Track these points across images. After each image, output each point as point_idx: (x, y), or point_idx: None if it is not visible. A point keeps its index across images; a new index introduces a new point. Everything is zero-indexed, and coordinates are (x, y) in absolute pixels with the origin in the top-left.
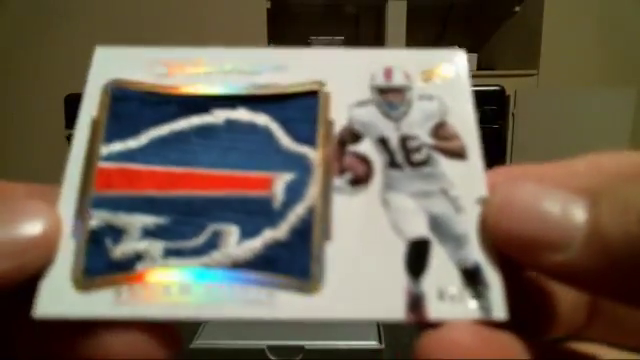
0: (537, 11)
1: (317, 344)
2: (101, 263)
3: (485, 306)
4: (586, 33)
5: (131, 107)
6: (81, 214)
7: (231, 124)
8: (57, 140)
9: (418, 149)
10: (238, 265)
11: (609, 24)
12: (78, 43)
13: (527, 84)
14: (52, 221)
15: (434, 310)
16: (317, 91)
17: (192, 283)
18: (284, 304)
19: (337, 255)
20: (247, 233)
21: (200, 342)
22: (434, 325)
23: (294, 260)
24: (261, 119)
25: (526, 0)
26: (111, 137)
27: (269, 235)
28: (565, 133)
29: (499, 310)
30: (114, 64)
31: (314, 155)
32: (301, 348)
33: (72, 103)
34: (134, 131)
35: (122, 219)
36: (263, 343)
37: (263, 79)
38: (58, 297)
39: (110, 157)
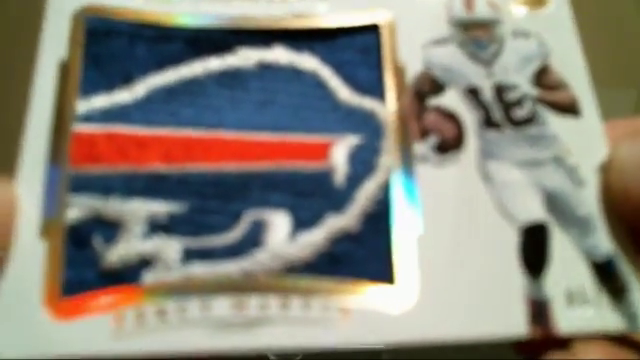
0: None
1: None
2: (89, 274)
3: (629, 313)
4: (586, 34)
5: (117, 44)
6: (52, 201)
7: (265, 68)
8: None
9: (519, 102)
10: (295, 269)
11: (609, 25)
12: None
13: None
14: (4, 207)
15: (564, 320)
16: (378, 25)
17: (229, 299)
18: (363, 323)
19: (428, 250)
20: (302, 222)
21: None
22: (559, 342)
23: (371, 258)
24: (307, 61)
25: None
26: (91, 88)
27: (334, 223)
28: None
29: None
30: None
31: (383, 110)
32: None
33: None
34: (124, 78)
35: (116, 207)
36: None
37: (303, 5)
38: (25, 327)
39: (91, 117)
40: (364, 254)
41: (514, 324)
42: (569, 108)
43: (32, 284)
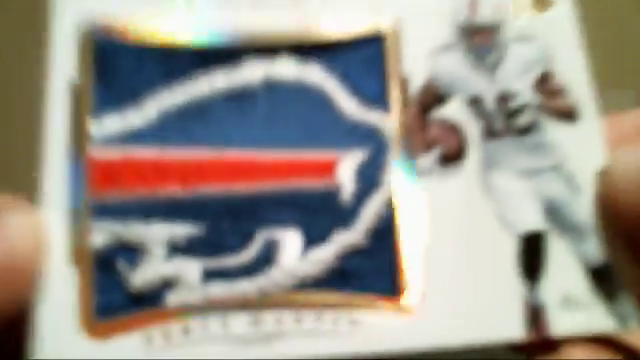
0: None
1: None
2: (118, 298)
3: (620, 315)
4: (586, 34)
5: (125, 63)
6: (78, 228)
7: (272, 83)
8: None
9: (521, 110)
10: (306, 285)
11: (609, 25)
12: None
13: None
14: (34, 238)
15: (558, 323)
16: (382, 34)
17: (246, 316)
18: (372, 333)
19: (431, 261)
20: (312, 239)
21: None
22: (549, 344)
23: (377, 272)
24: (313, 75)
25: None
26: (102, 109)
27: (342, 240)
28: None
29: (634, 318)
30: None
31: (388, 124)
32: None
33: None
34: (135, 98)
35: (137, 231)
36: None
37: (309, 17)
38: (64, 347)
39: (107, 140)
40: (372, 269)
41: (512, 328)
42: (569, 114)
43: (68, 308)
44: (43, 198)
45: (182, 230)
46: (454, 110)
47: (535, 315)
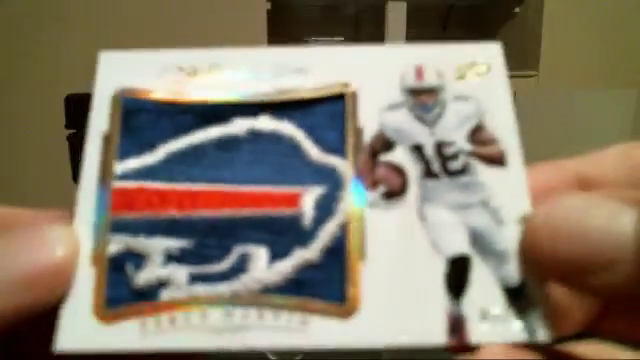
0: (537, 12)
1: None
2: (124, 292)
3: (530, 328)
4: (586, 34)
5: (145, 119)
6: (99, 239)
7: (254, 135)
8: (57, 140)
9: (455, 156)
10: (269, 290)
11: (609, 25)
12: (78, 43)
13: (527, 85)
14: (71, 246)
15: (476, 332)
16: (343, 94)
17: (221, 311)
18: (318, 331)
19: (373, 276)
20: (277, 254)
21: None
22: (471, 349)
23: (328, 282)
24: (286, 128)
25: (526, 1)
26: (125, 153)
27: (300, 256)
28: (565, 134)
29: (543, 332)
30: (122, 70)
31: (344, 166)
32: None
33: (72, 103)
34: (150, 145)
35: (143, 243)
36: None
37: (285, 83)
38: (80, 329)
39: (126, 175)
40: (323, 279)
41: (436, 333)
42: (497, 160)
43: (86, 298)
44: (76, 215)
45: (176, 243)
46: (399, 155)
47: (457, 325)
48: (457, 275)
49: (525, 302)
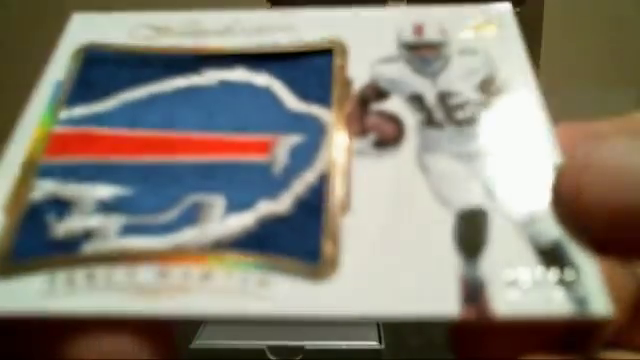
0: (537, 12)
1: (317, 344)
2: (35, 243)
3: (579, 296)
4: (586, 34)
5: (106, 69)
6: (21, 185)
7: (224, 85)
8: None
9: (462, 106)
10: (222, 245)
11: (609, 24)
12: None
13: None
14: None
15: (502, 302)
16: (332, 49)
17: (154, 269)
18: (281, 294)
19: (358, 230)
20: (237, 206)
21: (200, 342)
22: (492, 325)
23: (298, 237)
24: (261, 78)
25: (526, 1)
26: (75, 101)
27: (265, 207)
28: None
29: (600, 303)
30: (92, 29)
31: (327, 115)
32: (301, 348)
33: None
34: (104, 94)
35: (72, 190)
36: (263, 343)
37: (269, 38)
38: None
39: (69, 121)
40: (293, 235)
41: (445, 304)
42: (513, 112)
43: None
44: (3, 160)
45: (114, 191)
46: (394, 104)
47: (474, 291)
48: (472, 229)
49: (568, 264)
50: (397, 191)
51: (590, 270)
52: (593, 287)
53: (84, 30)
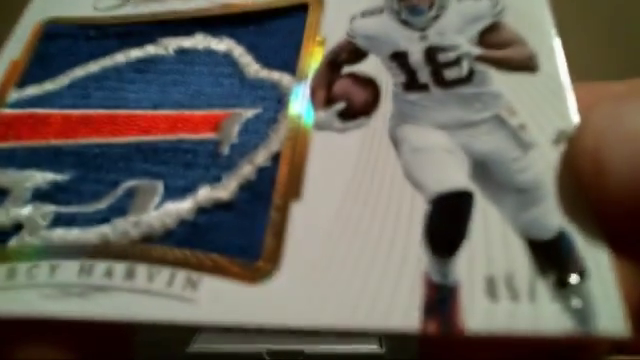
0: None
1: (317, 348)
2: None
3: (579, 310)
4: (587, 33)
5: (62, 44)
6: None
7: (182, 54)
8: None
9: (454, 63)
10: (151, 238)
11: (611, 24)
12: None
13: None
14: None
15: (475, 314)
16: (308, 3)
17: (76, 266)
18: (210, 299)
19: (307, 223)
20: (173, 192)
21: (197, 346)
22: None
23: (238, 230)
24: (222, 44)
25: None
26: (27, 81)
27: (205, 194)
28: None
29: (613, 319)
30: (56, 3)
31: (289, 82)
32: (300, 352)
33: None
34: (58, 71)
35: (9, 177)
36: (262, 347)
37: None
38: None
39: (18, 103)
40: (232, 225)
41: (404, 314)
42: (523, 64)
43: None
44: None
45: (50, 177)
46: (370, 65)
47: (441, 299)
48: (447, 221)
49: (570, 265)
50: (361, 173)
51: (603, 273)
52: (605, 296)
53: (48, 4)
